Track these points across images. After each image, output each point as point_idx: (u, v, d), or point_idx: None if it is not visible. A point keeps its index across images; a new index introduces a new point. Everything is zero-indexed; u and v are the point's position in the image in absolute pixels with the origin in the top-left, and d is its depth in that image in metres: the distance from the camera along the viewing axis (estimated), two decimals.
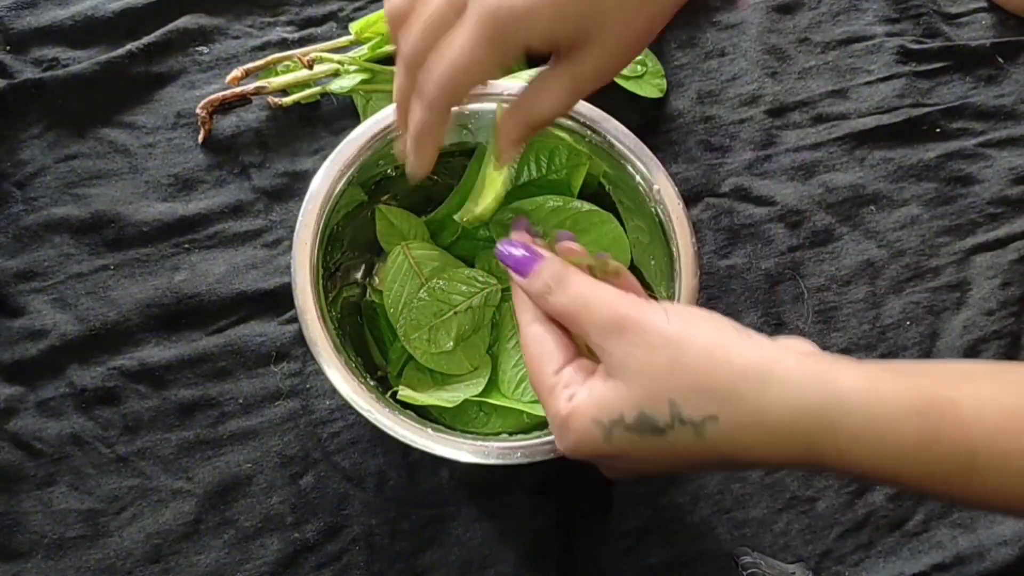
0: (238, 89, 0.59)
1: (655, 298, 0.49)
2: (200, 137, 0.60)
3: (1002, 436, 0.26)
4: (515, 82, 0.49)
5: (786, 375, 0.28)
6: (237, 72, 0.59)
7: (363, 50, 0.61)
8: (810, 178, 0.62)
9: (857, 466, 0.28)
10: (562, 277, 0.33)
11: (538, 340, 0.35)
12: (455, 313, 0.51)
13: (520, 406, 0.50)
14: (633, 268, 0.52)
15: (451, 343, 0.51)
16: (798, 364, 0.29)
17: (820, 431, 0.28)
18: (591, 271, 0.36)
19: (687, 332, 0.30)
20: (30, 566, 0.50)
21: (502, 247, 0.37)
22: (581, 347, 0.36)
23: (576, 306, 0.32)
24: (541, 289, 0.34)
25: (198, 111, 0.59)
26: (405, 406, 0.47)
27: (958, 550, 0.53)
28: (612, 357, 0.31)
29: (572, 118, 0.49)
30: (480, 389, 0.51)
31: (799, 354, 0.29)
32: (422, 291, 0.52)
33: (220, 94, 0.59)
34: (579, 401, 0.32)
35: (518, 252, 0.36)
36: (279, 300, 0.57)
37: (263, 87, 0.59)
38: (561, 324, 0.35)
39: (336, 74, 0.60)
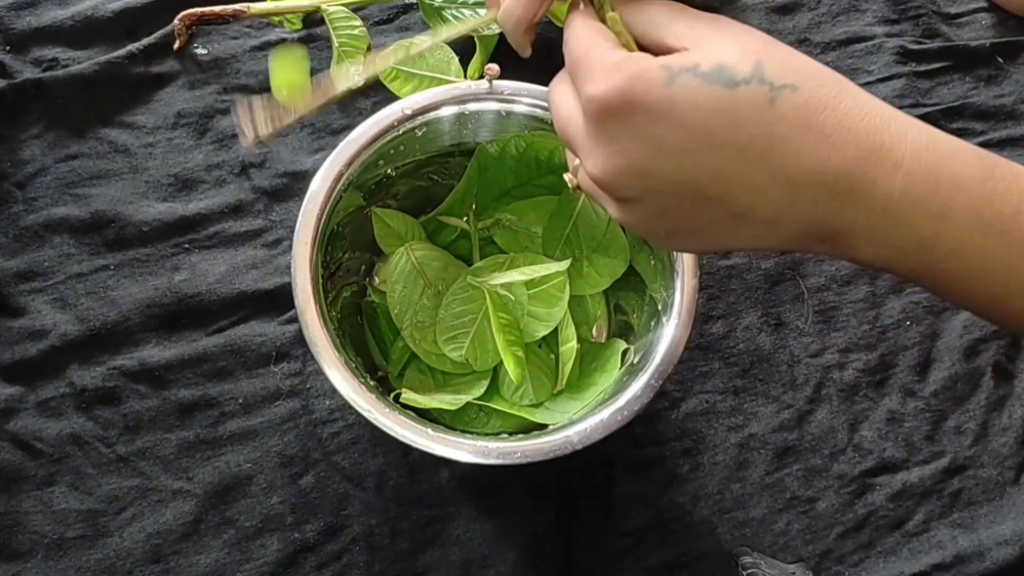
0: (217, 8, 0.61)
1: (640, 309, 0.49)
2: (176, 46, 0.61)
3: None
4: (517, 83, 0.49)
5: (862, 92, 0.29)
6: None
7: None
8: None
9: (904, 192, 0.27)
10: None
11: (597, 25, 0.31)
12: (460, 316, 0.52)
13: (520, 412, 0.50)
14: (632, 268, 0.52)
15: (455, 344, 0.51)
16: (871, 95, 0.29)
17: (887, 133, 0.28)
18: None
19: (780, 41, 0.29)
20: (30, 566, 0.50)
21: None
22: None
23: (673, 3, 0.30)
24: None
25: (176, 22, 0.61)
26: (405, 406, 0.47)
27: (958, 550, 0.53)
28: (703, 32, 0.28)
29: None
30: (482, 392, 0.51)
31: None
32: (426, 293, 0.52)
33: (199, 10, 0.61)
34: (644, 55, 0.29)
35: None
36: (279, 300, 0.57)
37: (242, 11, 0.60)
38: None
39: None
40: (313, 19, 0.65)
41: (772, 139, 0.27)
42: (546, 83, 0.34)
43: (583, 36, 0.30)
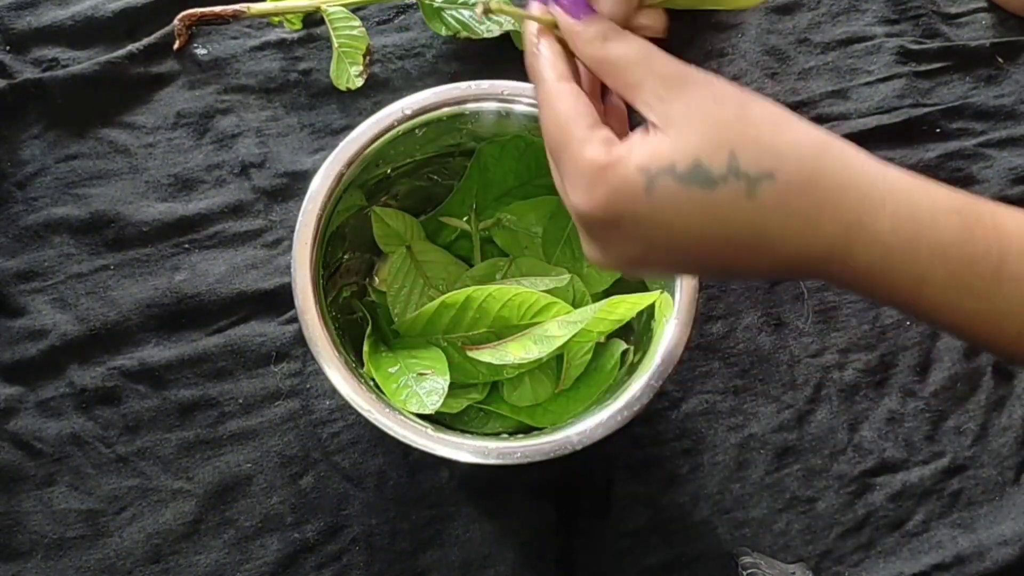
0: (217, 8, 0.60)
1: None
2: (176, 46, 0.61)
3: None
4: (517, 83, 0.49)
5: (843, 151, 0.29)
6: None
7: None
8: None
9: (884, 260, 0.28)
10: (622, 29, 0.30)
11: (572, 95, 0.31)
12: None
13: (520, 412, 0.50)
14: None
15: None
16: (853, 148, 0.29)
17: (864, 209, 0.28)
18: None
19: (754, 95, 0.29)
20: (30, 566, 0.50)
21: None
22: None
23: (640, 54, 0.30)
24: (597, 34, 0.30)
25: (176, 22, 0.61)
26: None
27: (958, 550, 0.53)
28: (672, 108, 0.29)
29: None
30: (483, 395, 0.51)
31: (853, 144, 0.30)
32: (426, 293, 0.52)
33: (199, 10, 0.61)
34: (623, 151, 0.29)
35: None
36: (279, 300, 0.57)
37: (242, 11, 0.60)
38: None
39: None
40: (313, 19, 0.65)
41: (755, 229, 0.29)
42: None
43: (559, 117, 0.31)
